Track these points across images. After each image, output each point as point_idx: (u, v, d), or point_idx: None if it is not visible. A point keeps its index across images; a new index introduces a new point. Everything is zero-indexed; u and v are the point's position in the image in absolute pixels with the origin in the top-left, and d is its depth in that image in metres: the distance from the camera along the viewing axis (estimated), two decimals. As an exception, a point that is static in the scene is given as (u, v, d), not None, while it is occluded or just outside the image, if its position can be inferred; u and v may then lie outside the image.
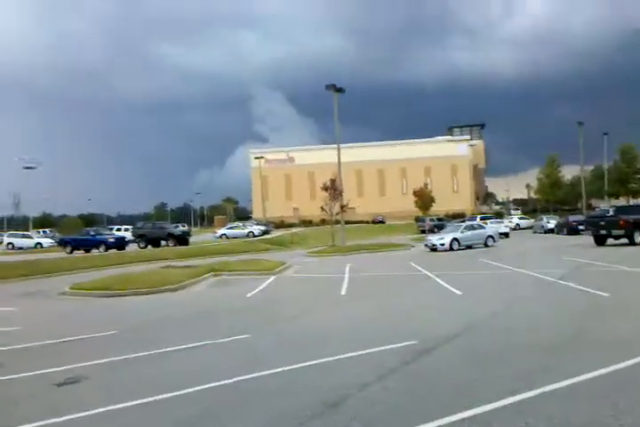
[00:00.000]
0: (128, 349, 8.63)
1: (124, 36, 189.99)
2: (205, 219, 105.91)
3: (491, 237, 30.38)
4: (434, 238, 29.77)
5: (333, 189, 35.34)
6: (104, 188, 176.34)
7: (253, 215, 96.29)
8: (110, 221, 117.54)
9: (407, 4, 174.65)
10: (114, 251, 35.03)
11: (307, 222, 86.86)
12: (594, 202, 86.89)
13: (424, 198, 46.53)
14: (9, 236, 51.07)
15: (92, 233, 37.14)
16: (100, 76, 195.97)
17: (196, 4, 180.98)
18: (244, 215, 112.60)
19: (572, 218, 41.67)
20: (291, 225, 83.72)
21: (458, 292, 13.08)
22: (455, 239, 28.99)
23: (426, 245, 29.92)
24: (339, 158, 37.07)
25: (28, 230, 62.42)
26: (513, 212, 79.86)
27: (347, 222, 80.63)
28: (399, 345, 7.78)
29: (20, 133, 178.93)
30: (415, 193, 47.46)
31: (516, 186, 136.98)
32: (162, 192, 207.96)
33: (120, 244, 35.94)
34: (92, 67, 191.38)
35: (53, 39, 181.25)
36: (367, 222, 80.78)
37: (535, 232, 47.21)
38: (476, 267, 19.94)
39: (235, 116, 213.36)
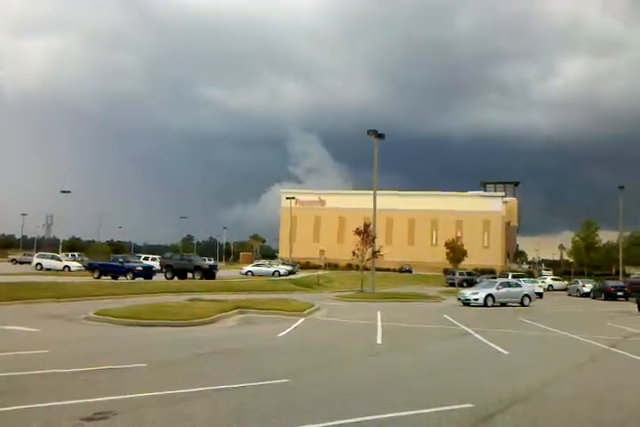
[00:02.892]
0: (159, 385, 8.12)
1: (168, 71, 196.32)
2: (232, 255, 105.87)
3: (527, 296, 29.29)
4: (467, 293, 28.83)
5: (367, 234, 34.82)
6: (133, 216, 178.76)
7: (279, 254, 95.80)
8: (137, 249, 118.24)
9: (442, 61, 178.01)
10: (140, 279, 34.78)
11: (332, 266, 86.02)
12: (627, 269, 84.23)
13: (456, 251, 45.54)
14: (38, 256, 51.37)
15: (121, 260, 37.02)
16: (139, 106, 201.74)
17: (240, 48, 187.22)
18: (269, 254, 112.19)
19: (610, 283, 40.24)
20: (316, 267, 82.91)
21: (504, 351, 12.29)
22: (490, 295, 28.01)
23: (459, 299, 28.97)
24: (374, 204, 36.74)
25: (57, 253, 62.92)
26: (544, 272, 77.90)
27: (376, 269, 79.78)
28: (454, 408, 7.11)
29: (56, 157, 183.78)
30: (447, 245, 46.55)
31: (545, 246, 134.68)
32: (190, 224, 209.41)
33: (147, 273, 35.69)
34: (132, 97, 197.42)
35: (98, 68, 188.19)
36: (394, 271, 79.57)
37: (570, 295, 45.71)
38: (516, 326, 19.01)
39: (269, 156, 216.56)
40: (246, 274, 52.11)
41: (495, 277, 55.12)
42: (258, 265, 56.41)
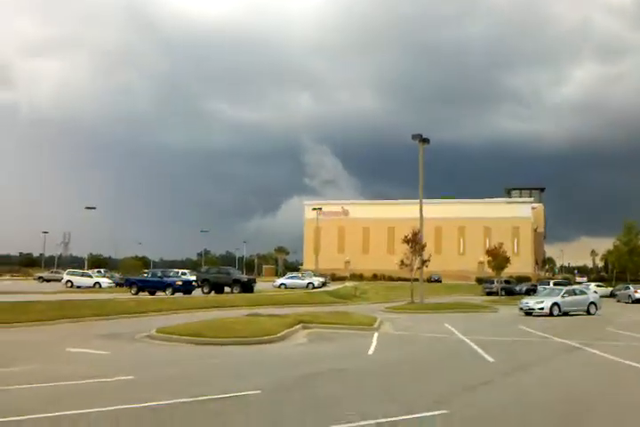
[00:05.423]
0: (304, 417, 6.77)
1: (178, 90, 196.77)
2: (255, 268, 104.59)
3: (593, 303, 27.58)
4: (531, 302, 27.19)
5: (415, 242, 33.34)
6: (147, 232, 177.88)
7: (304, 266, 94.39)
8: (155, 265, 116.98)
9: (454, 69, 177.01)
10: (179, 295, 33.53)
11: (357, 276, 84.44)
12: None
13: (499, 259, 43.87)
14: (68, 274, 50.27)
15: (160, 275, 35.74)
16: (152, 126, 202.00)
17: (249, 63, 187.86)
18: (291, 266, 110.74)
19: (670, 288, 38.41)
20: (342, 278, 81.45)
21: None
22: (556, 304, 26.35)
23: (521, 309, 27.32)
24: (421, 212, 35.44)
25: (81, 270, 61.98)
26: (578, 279, 75.73)
27: (401, 279, 78.01)
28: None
29: (73, 176, 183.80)
30: (489, 253, 44.91)
31: (566, 253, 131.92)
32: (205, 239, 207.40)
33: (188, 288, 34.39)
34: (143, 115, 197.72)
35: (110, 90, 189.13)
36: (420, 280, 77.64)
37: (619, 301, 43.64)
38: (614, 337, 17.44)
39: (284, 169, 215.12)
40: (279, 287, 50.77)
41: (535, 285, 53.35)
42: (291, 277, 55.02)
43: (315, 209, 78.04)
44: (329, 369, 10.94)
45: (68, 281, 47.65)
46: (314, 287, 50.62)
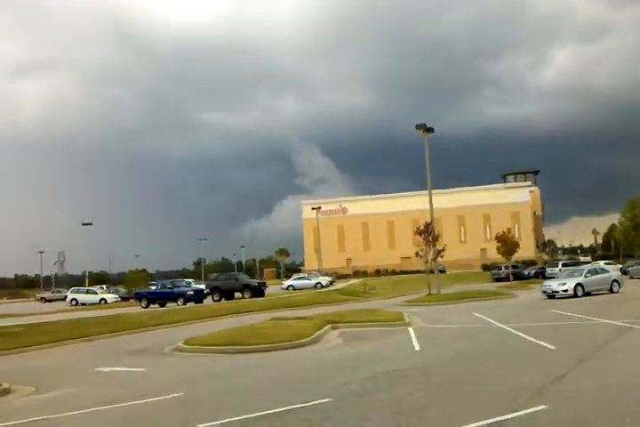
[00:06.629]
0: (397, 423, 6.14)
1: (166, 100, 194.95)
2: (257, 272, 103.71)
3: (616, 281, 27.16)
4: (554, 284, 26.71)
5: (428, 233, 32.77)
6: (139, 244, 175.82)
7: (305, 267, 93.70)
8: (152, 277, 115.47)
9: (435, 60, 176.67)
10: (191, 304, 32.79)
11: (360, 273, 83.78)
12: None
13: (508, 244, 43.43)
14: (72, 292, 49.44)
15: (170, 286, 34.95)
16: (140, 137, 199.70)
17: (230, 68, 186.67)
18: (292, 267, 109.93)
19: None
20: (345, 276, 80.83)
21: None
22: (579, 284, 25.89)
23: (544, 292, 26.83)
24: (430, 202, 34.99)
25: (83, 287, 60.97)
26: (582, 258, 75.49)
27: (404, 272, 77.35)
28: None
29: (58, 191, 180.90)
30: (498, 238, 44.45)
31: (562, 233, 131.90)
32: (198, 248, 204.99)
33: (199, 297, 33.65)
34: (132, 128, 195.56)
35: (98, 106, 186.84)
36: (425, 272, 77.28)
37: (632, 277, 43.24)
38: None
39: (275, 171, 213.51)
40: (287, 289, 50.10)
41: (544, 268, 52.97)
42: (299, 278, 54.35)
43: (314, 209, 77.30)
44: (388, 370, 10.25)
45: (73, 299, 46.86)
46: (322, 287, 50.02)
